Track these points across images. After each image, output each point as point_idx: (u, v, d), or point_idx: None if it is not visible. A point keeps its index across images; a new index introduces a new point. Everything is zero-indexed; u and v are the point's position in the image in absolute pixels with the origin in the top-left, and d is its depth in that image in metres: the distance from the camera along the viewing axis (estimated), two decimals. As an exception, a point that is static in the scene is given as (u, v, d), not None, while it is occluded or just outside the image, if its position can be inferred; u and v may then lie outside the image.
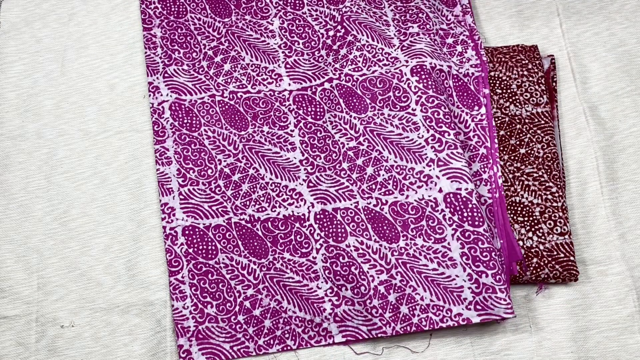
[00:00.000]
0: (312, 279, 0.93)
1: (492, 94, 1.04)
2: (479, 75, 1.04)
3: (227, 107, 1.03)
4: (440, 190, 0.95)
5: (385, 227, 0.94)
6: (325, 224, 0.96)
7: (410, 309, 0.91)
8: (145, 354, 0.91)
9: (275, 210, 0.97)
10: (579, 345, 0.92)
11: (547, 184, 0.97)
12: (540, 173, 0.98)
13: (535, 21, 1.11)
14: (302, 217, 0.96)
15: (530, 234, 0.95)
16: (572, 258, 0.94)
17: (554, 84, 1.06)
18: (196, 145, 1.00)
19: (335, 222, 0.95)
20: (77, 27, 1.09)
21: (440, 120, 0.98)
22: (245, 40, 1.08)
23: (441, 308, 0.90)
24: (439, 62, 1.02)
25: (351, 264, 0.93)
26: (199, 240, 0.95)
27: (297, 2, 1.10)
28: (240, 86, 1.05)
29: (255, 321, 0.91)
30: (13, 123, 1.03)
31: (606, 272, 0.96)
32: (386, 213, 0.95)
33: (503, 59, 1.05)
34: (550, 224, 0.95)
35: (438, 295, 0.91)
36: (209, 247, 0.95)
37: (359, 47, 1.04)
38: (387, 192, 0.96)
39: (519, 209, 0.97)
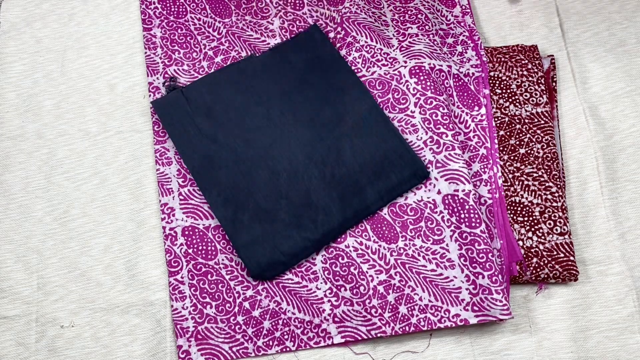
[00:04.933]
0: (311, 280, 0.93)
1: (491, 94, 1.04)
2: (479, 75, 1.04)
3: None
4: (439, 192, 0.95)
5: (384, 228, 0.95)
6: (324, 225, 0.96)
7: (409, 309, 0.91)
8: (145, 354, 0.91)
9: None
10: (579, 345, 0.92)
11: (547, 184, 0.97)
12: (540, 173, 0.98)
13: (535, 21, 1.11)
14: (302, 217, 0.97)
15: (530, 234, 0.95)
16: (572, 258, 0.94)
17: (554, 84, 1.06)
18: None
19: (334, 223, 0.96)
20: (77, 27, 1.09)
21: (439, 121, 0.98)
22: (246, 41, 1.08)
23: (439, 309, 0.91)
24: (438, 63, 1.02)
25: (350, 264, 0.93)
26: (198, 240, 0.95)
27: (297, 2, 1.10)
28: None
29: (254, 322, 0.91)
30: (13, 123, 1.03)
31: (606, 272, 0.96)
32: (385, 214, 0.95)
33: (503, 59, 1.05)
34: (550, 224, 0.95)
35: (436, 295, 0.91)
36: (209, 248, 0.95)
37: (357, 47, 1.04)
38: (386, 193, 0.97)
39: (519, 209, 0.97)
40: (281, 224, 0.94)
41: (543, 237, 0.95)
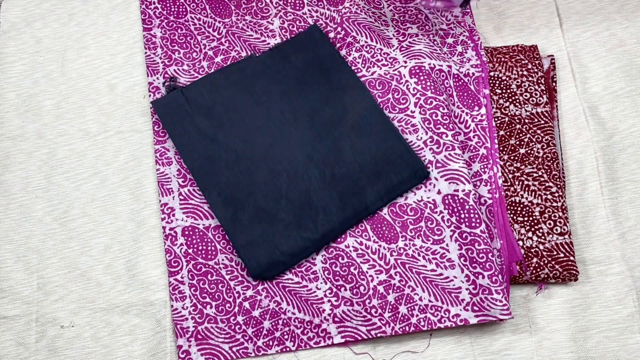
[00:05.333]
0: (311, 280, 0.93)
1: (491, 94, 1.03)
2: (479, 75, 1.04)
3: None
4: (439, 192, 0.95)
5: (384, 228, 0.95)
6: (324, 225, 0.96)
7: (409, 309, 0.91)
8: (145, 354, 0.91)
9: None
10: (579, 345, 0.92)
11: (547, 184, 0.97)
12: (540, 173, 0.98)
13: (535, 21, 1.11)
14: (302, 217, 0.97)
15: (530, 234, 0.95)
16: (572, 258, 0.94)
17: (554, 84, 1.06)
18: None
19: (334, 223, 0.96)
20: (77, 27, 1.09)
21: (439, 121, 0.98)
22: (246, 41, 1.08)
23: (439, 309, 0.91)
24: (438, 63, 1.02)
25: (350, 264, 0.93)
26: (198, 240, 0.95)
27: (297, 2, 1.11)
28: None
29: (254, 322, 0.91)
30: (13, 123, 1.03)
31: (606, 272, 0.96)
32: (385, 214, 0.95)
33: (503, 59, 1.05)
34: (550, 224, 0.95)
35: (436, 295, 0.91)
36: (209, 248, 0.95)
37: (357, 47, 1.04)
38: (386, 193, 0.97)
39: (519, 209, 0.97)
40: (281, 224, 0.94)
41: (543, 237, 0.95)
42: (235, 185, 0.96)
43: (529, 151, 1.00)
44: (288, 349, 0.91)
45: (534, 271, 0.93)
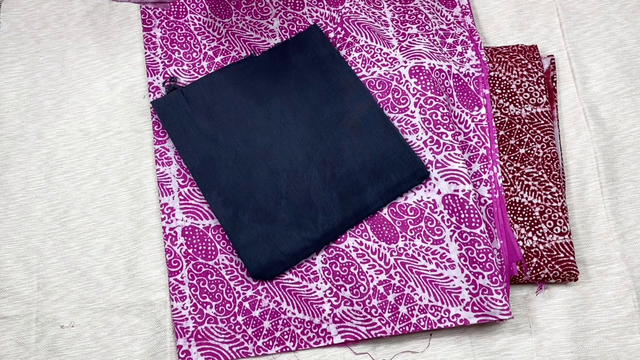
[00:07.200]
0: (311, 280, 0.93)
1: (491, 94, 1.04)
2: (479, 75, 1.04)
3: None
4: (439, 192, 0.95)
5: (384, 228, 0.95)
6: (324, 225, 0.96)
7: (409, 309, 0.91)
8: (145, 354, 0.91)
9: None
10: (579, 345, 0.92)
11: (546, 184, 0.97)
12: (540, 173, 0.98)
13: (535, 21, 1.11)
14: (302, 217, 0.97)
15: (530, 234, 0.95)
16: (572, 258, 0.94)
17: (554, 84, 1.06)
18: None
19: (334, 223, 0.96)
20: (77, 27, 1.09)
21: (439, 121, 0.98)
22: (246, 41, 1.08)
23: (439, 309, 0.91)
24: (438, 63, 1.02)
25: (350, 264, 0.93)
26: (198, 240, 0.95)
27: (297, 2, 1.11)
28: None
29: (254, 322, 0.91)
30: (13, 123, 1.03)
31: (606, 272, 0.96)
32: (385, 214, 0.95)
33: (503, 59, 1.05)
34: (550, 224, 0.95)
35: (436, 295, 0.91)
36: (209, 248, 0.95)
37: (357, 47, 1.04)
38: (386, 193, 0.97)
39: (519, 209, 0.97)
40: (281, 224, 0.94)
41: (543, 237, 0.95)
42: (235, 185, 0.96)
43: (529, 151, 1.00)
44: (288, 349, 0.91)
45: (534, 271, 0.93)
